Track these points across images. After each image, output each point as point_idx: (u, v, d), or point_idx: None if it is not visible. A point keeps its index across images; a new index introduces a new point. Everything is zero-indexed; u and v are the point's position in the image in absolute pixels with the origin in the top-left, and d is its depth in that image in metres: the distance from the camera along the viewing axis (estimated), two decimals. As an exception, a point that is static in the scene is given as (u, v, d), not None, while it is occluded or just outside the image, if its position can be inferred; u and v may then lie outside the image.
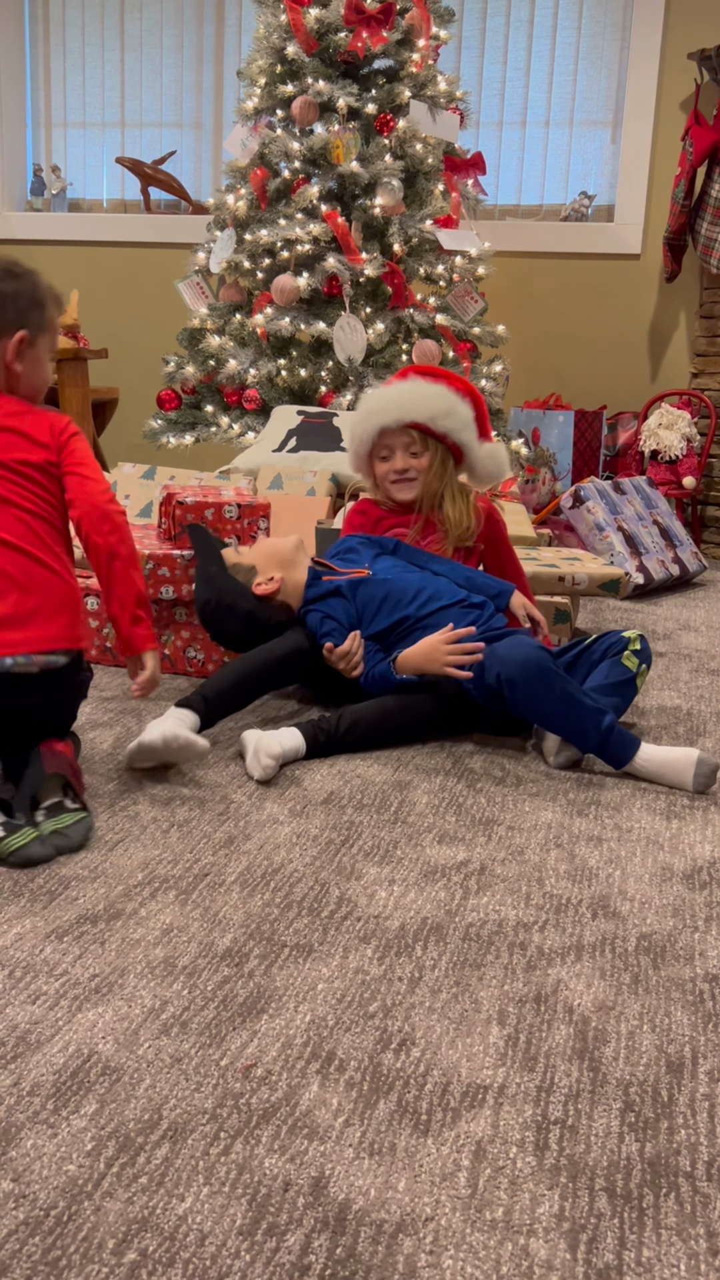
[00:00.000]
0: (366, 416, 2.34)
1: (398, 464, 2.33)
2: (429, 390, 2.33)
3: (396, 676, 2.00)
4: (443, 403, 2.32)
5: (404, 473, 2.33)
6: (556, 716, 1.88)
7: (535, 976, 1.26)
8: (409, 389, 2.34)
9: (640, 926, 1.39)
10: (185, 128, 5.34)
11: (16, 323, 1.70)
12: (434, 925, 1.37)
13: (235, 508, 2.39)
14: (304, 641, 2.10)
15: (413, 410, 2.30)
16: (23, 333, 1.70)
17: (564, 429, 4.49)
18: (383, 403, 2.33)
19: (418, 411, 2.30)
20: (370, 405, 2.36)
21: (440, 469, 2.33)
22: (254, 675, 2.02)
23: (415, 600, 2.12)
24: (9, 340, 1.70)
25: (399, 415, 2.30)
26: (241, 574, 2.21)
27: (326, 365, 3.99)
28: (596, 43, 4.86)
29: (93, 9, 5.29)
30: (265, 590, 2.17)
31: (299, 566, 2.21)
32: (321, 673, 2.12)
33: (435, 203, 4.11)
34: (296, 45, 3.98)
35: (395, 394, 2.34)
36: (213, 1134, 0.99)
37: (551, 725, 1.91)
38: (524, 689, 1.88)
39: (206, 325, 4.21)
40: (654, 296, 4.86)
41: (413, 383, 2.35)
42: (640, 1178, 0.95)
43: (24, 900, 1.39)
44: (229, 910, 1.38)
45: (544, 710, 1.89)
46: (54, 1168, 0.94)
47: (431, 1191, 0.93)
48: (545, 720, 1.91)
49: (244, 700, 2.03)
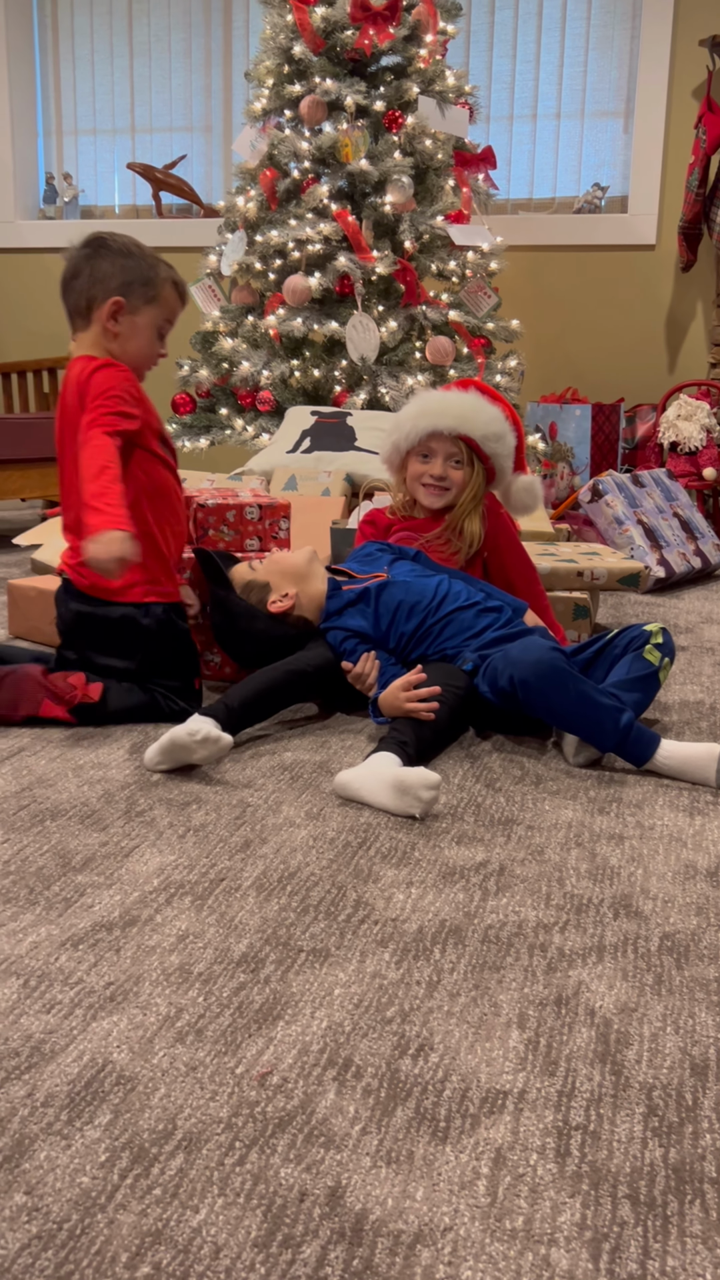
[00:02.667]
0: (422, 414, 2.31)
1: (436, 469, 2.31)
2: (489, 410, 2.31)
3: (378, 718, 1.97)
4: (498, 426, 2.30)
5: (441, 480, 2.31)
6: (573, 717, 1.86)
7: (556, 978, 1.24)
8: (470, 402, 2.31)
9: (663, 926, 1.36)
10: (195, 131, 5.34)
11: (119, 291, 2.00)
12: (452, 927, 1.35)
13: (256, 509, 2.38)
14: (329, 655, 2.10)
15: (469, 423, 2.28)
16: (119, 298, 2.00)
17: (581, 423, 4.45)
18: (442, 406, 2.31)
19: (474, 426, 2.28)
20: (428, 405, 2.33)
21: (475, 489, 2.32)
22: (279, 687, 2.02)
23: (434, 600, 2.10)
24: (106, 305, 2.01)
25: (456, 424, 2.28)
26: (255, 591, 2.19)
27: (340, 365, 3.97)
28: (606, 32, 4.82)
29: (101, 16, 5.30)
30: (280, 608, 2.16)
31: (315, 578, 2.19)
32: (344, 687, 2.11)
33: (446, 198, 4.09)
34: (303, 44, 3.97)
35: (456, 402, 2.31)
36: (228, 1143, 0.97)
37: (568, 726, 1.89)
38: (538, 690, 1.86)
39: (219, 328, 4.21)
40: (670, 286, 4.82)
41: (474, 397, 2.32)
42: (664, 1184, 0.93)
43: (39, 908, 1.38)
44: (245, 915, 1.37)
45: (559, 711, 1.86)
46: (67, 1180, 0.93)
47: (450, 1200, 0.91)
48: (561, 721, 1.89)
49: (268, 711, 2.02)
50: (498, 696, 1.95)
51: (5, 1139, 0.97)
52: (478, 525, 2.32)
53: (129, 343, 2.04)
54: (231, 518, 2.37)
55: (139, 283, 2.02)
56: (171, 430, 4.25)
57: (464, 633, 2.08)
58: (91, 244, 2.05)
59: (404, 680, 1.92)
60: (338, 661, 2.09)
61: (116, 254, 2.02)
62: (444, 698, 1.92)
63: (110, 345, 2.04)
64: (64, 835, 1.59)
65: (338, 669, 2.08)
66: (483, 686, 1.98)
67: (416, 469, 2.34)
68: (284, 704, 2.05)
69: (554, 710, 1.87)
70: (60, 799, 1.73)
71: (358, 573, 2.23)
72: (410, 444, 2.33)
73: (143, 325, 2.04)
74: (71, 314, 2.07)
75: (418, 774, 1.65)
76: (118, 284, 2.01)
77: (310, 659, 2.08)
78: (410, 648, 2.09)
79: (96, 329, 2.04)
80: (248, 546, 2.37)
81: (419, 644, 2.09)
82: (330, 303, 4.01)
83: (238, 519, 2.37)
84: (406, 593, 2.12)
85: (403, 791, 1.66)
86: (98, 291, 2.02)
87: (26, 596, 2.57)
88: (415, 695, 1.90)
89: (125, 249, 2.03)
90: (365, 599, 2.13)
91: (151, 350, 2.08)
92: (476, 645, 2.06)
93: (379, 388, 3.90)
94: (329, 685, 2.11)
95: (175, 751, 1.81)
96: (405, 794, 1.66)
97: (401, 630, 2.09)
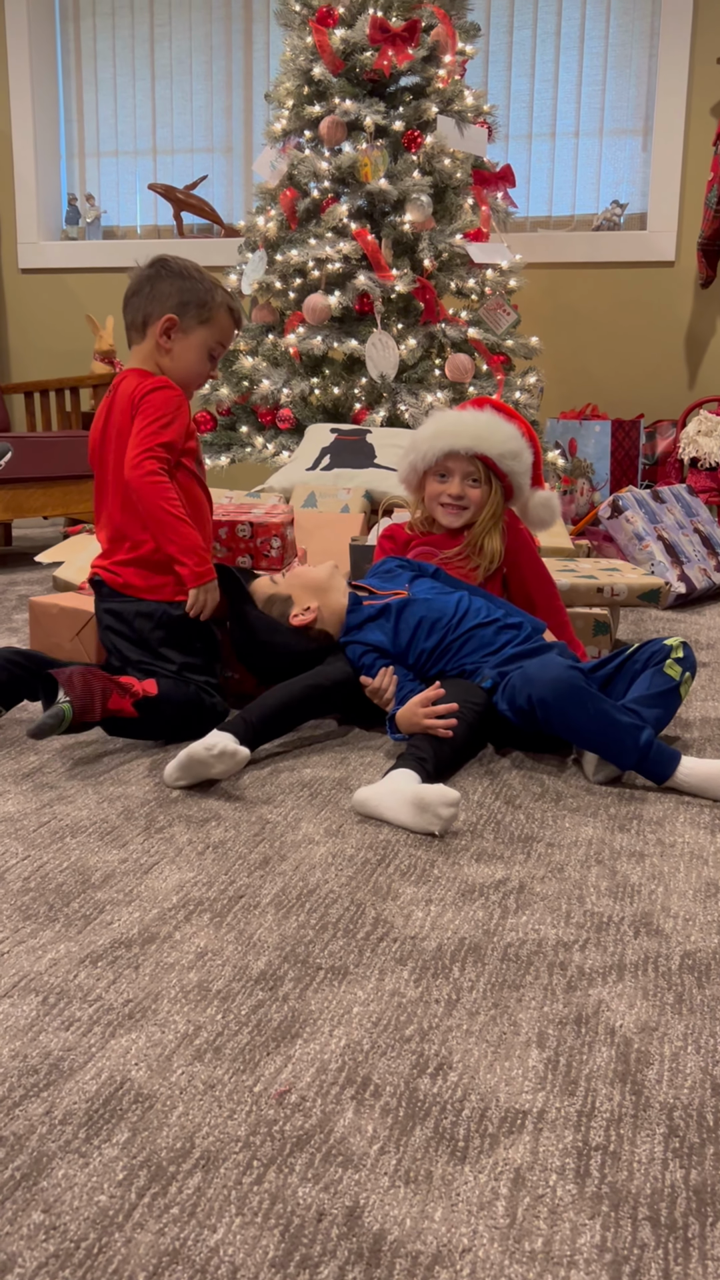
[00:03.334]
0: (438, 434, 2.32)
1: (454, 489, 2.32)
2: (505, 428, 2.31)
3: (395, 734, 1.97)
4: (515, 443, 2.31)
5: (459, 499, 2.32)
6: (592, 735, 1.85)
7: (576, 997, 1.23)
8: (485, 421, 2.32)
9: (684, 944, 1.35)
10: (216, 152, 5.38)
11: (175, 309, 2.10)
12: (472, 945, 1.34)
13: (248, 526, 2.40)
14: (348, 670, 2.10)
15: (486, 442, 2.29)
16: (173, 316, 2.10)
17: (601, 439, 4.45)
18: (458, 426, 2.32)
19: (490, 445, 2.29)
20: (443, 425, 2.34)
21: (494, 506, 2.32)
22: (298, 702, 2.02)
23: (454, 617, 2.11)
24: (160, 320, 2.11)
25: (472, 443, 2.29)
26: (277, 605, 2.20)
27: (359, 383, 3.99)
28: (624, 51, 4.84)
29: (123, 40, 5.36)
30: (302, 621, 2.16)
31: (336, 591, 2.20)
32: (362, 703, 2.11)
33: (465, 217, 4.10)
34: (323, 66, 4.00)
35: (472, 421, 2.32)
36: (245, 1162, 0.97)
37: (587, 744, 1.88)
38: (556, 709, 1.85)
39: (240, 346, 4.23)
40: (689, 303, 4.82)
41: (489, 415, 2.33)
42: (685, 1206, 0.92)
43: (59, 924, 1.38)
44: (264, 933, 1.37)
45: (578, 729, 1.86)
46: (85, 1198, 0.92)
47: (469, 1221, 0.90)
48: (581, 739, 1.88)
49: (287, 726, 2.02)
50: (516, 715, 1.95)
51: (24, 1156, 0.97)
52: (497, 542, 2.32)
53: (179, 360, 2.14)
54: (224, 534, 2.39)
55: (194, 304, 2.12)
56: (192, 448, 4.27)
57: (483, 649, 2.07)
58: (155, 264, 2.16)
59: (422, 697, 1.92)
60: (356, 676, 2.09)
61: (176, 275, 2.13)
62: (462, 715, 1.92)
63: (162, 360, 2.14)
64: (84, 852, 1.60)
65: (356, 684, 2.09)
66: (501, 704, 1.98)
67: (434, 488, 2.35)
68: (302, 719, 2.05)
69: (573, 728, 1.86)
70: (80, 815, 1.73)
71: (378, 589, 2.23)
72: (427, 464, 2.34)
73: (194, 344, 2.13)
74: (129, 327, 2.18)
75: (437, 791, 1.65)
76: (174, 303, 2.11)
77: (329, 673, 2.08)
78: (430, 664, 2.09)
79: (150, 343, 2.14)
80: (239, 564, 2.39)
81: (438, 660, 2.09)
82: (350, 321, 4.03)
83: (230, 536, 2.39)
84: (427, 609, 2.12)
85: (422, 808, 1.66)
86: (154, 308, 2.12)
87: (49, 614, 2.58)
88: (433, 712, 1.90)
89: (184, 271, 2.14)
90: (386, 614, 2.13)
91: (201, 369, 2.17)
92: (496, 662, 2.05)
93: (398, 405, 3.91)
94: (347, 700, 2.11)
95: (193, 767, 1.81)
96: (424, 811, 1.65)
97: (421, 647, 2.09)
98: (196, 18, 5.25)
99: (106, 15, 5.35)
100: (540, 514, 2.42)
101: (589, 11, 4.85)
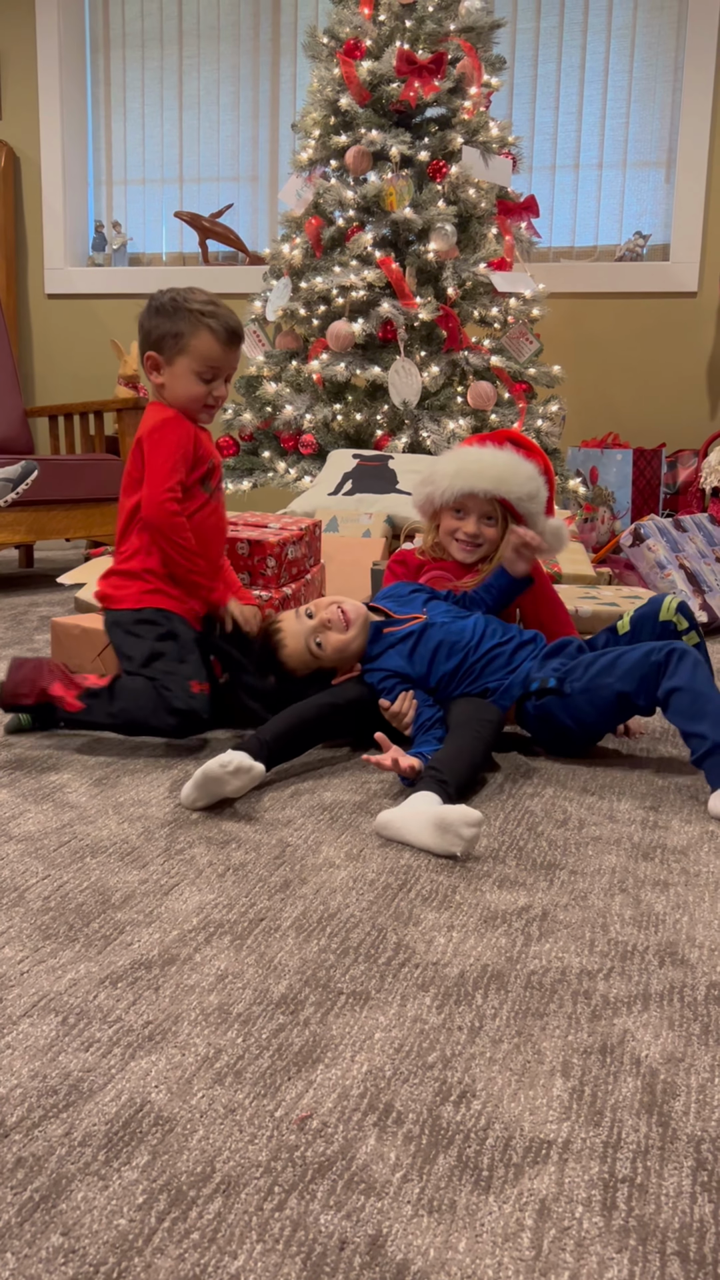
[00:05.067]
0: (459, 474, 2.31)
1: (470, 528, 2.33)
2: (525, 469, 2.31)
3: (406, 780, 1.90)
4: (533, 484, 2.31)
5: (474, 538, 2.33)
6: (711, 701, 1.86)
7: (600, 1026, 1.22)
8: (506, 462, 2.31)
9: (710, 975, 1.34)
10: (242, 181, 5.44)
11: (153, 346, 2.21)
12: (495, 973, 1.33)
13: (246, 545, 2.44)
14: (363, 690, 2.09)
15: (506, 485, 2.29)
16: (152, 354, 2.21)
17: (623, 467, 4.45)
18: (480, 467, 2.31)
19: (510, 488, 2.29)
20: (466, 465, 2.33)
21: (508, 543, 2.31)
22: (313, 723, 2.01)
23: (473, 639, 2.11)
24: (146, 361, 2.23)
25: (493, 487, 2.29)
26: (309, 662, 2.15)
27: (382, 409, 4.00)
28: (648, 85, 4.88)
29: (152, 70, 5.43)
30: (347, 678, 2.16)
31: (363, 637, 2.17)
32: (379, 725, 2.10)
33: (489, 246, 4.13)
34: (349, 97, 4.04)
35: (492, 463, 2.31)
36: (266, 1188, 0.96)
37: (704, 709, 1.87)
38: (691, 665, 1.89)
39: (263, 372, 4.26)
40: (712, 333, 4.83)
41: (510, 456, 2.33)
42: (715, 1241, 0.90)
43: (79, 945, 1.37)
44: (284, 956, 1.36)
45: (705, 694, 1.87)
46: (104, 1221, 0.91)
47: (494, 1253, 0.89)
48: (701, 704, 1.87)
49: (302, 747, 2.02)
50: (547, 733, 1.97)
51: (43, 1178, 0.96)
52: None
53: (172, 390, 2.23)
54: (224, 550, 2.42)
55: (168, 336, 2.19)
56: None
57: (504, 669, 2.09)
58: (147, 304, 2.25)
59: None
60: (372, 697, 2.08)
61: (153, 313, 2.22)
62: (479, 732, 1.92)
63: (163, 394, 2.25)
64: (104, 872, 1.59)
65: (373, 706, 2.08)
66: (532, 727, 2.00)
67: (450, 523, 2.36)
68: (318, 739, 2.05)
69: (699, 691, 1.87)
70: (100, 835, 1.73)
71: (395, 612, 2.23)
72: (445, 500, 2.34)
73: (179, 373, 2.21)
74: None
75: (459, 812, 1.64)
76: (152, 341, 2.21)
77: (345, 693, 2.08)
78: (452, 686, 2.09)
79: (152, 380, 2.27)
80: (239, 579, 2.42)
81: (460, 683, 2.08)
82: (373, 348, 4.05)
83: (229, 553, 2.41)
84: (445, 633, 2.12)
85: (444, 829, 1.65)
86: (143, 349, 2.24)
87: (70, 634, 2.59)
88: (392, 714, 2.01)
89: (160, 307, 2.21)
90: (406, 639, 2.13)
91: (195, 393, 2.22)
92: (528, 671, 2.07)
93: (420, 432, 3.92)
94: (363, 721, 2.10)
95: (209, 785, 1.80)
96: (447, 832, 1.64)
97: (442, 670, 2.09)
98: (225, 49, 5.32)
99: (136, 46, 5.42)
100: (551, 542, 2.41)
101: (614, 46, 4.89)
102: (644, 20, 4.82)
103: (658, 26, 4.80)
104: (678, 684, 1.88)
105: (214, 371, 2.22)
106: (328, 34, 4.14)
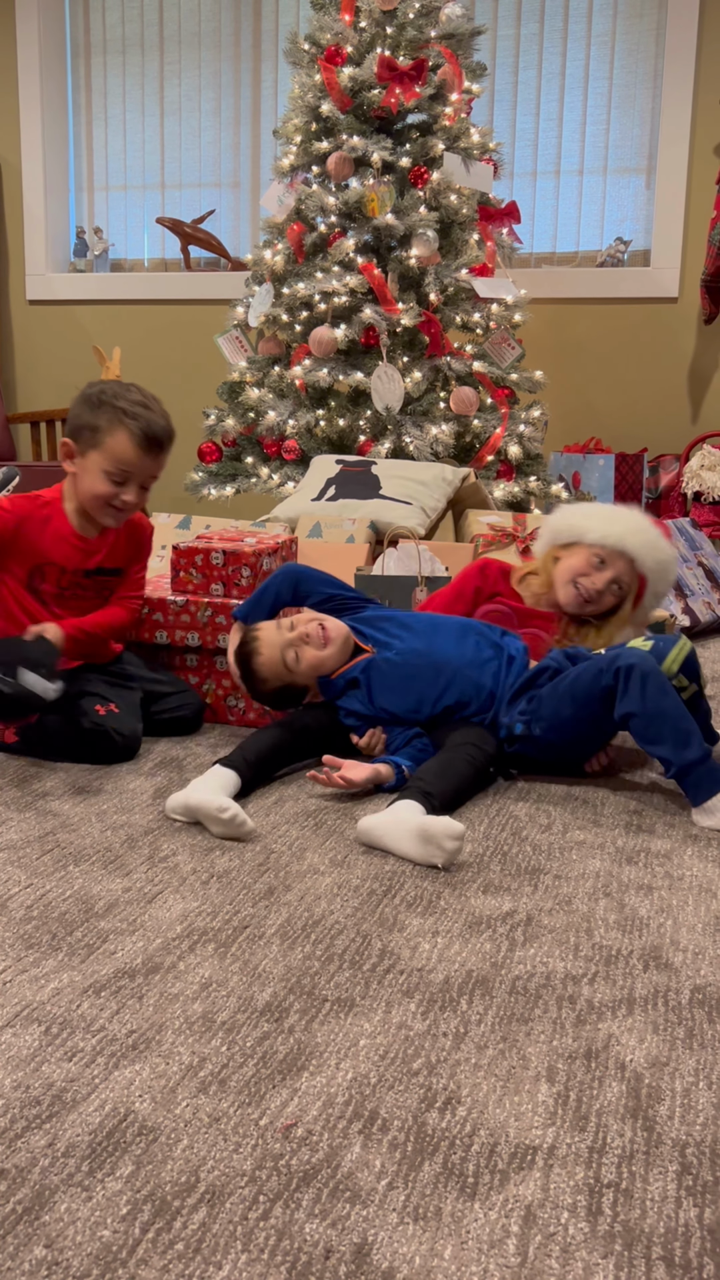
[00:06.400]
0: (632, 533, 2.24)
1: (598, 583, 2.22)
2: (673, 572, 2.29)
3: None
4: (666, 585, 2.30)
5: (599, 593, 2.22)
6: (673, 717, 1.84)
7: (585, 1031, 1.22)
8: (671, 557, 2.28)
9: (694, 978, 1.34)
10: (224, 187, 5.44)
11: (71, 434, 2.17)
12: (479, 978, 1.33)
13: (221, 555, 2.41)
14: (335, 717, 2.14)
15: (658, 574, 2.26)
16: (66, 440, 2.18)
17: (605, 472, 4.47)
18: (655, 544, 2.26)
19: (661, 578, 2.27)
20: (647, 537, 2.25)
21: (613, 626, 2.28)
22: (294, 743, 2.05)
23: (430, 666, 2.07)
24: (61, 446, 2.21)
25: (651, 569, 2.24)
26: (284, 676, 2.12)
27: (365, 415, 4.00)
28: (629, 91, 4.90)
29: (133, 76, 5.42)
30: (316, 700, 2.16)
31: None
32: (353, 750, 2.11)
33: (470, 252, 4.13)
34: (331, 103, 4.05)
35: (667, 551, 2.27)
36: (251, 1197, 0.95)
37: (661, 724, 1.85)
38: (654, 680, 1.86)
39: (246, 378, 4.25)
40: (693, 339, 4.85)
41: (675, 553, 2.31)
42: (700, 1245, 0.90)
43: (62, 954, 1.37)
44: (269, 964, 1.35)
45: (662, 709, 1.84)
46: (88, 1233, 0.91)
47: (479, 1260, 0.89)
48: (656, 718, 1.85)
49: (283, 764, 2.04)
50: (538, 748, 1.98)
51: (25, 1190, 0.96)
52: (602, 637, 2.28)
53: (79, 483, 2.18)
54: (199, 561, 2.40)
55: (87, 428, 2.14)
56: (197, 479, 4.28)
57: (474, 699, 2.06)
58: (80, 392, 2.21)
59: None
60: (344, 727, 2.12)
61: (80, 401, 2.18)
62: (472, 755, 1.92)
63: (73, 484, 2.20)
64: (87, 880, 1.58)
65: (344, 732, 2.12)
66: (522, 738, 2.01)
67: (578, 565, 2.23)
68: (300, 758, 2.08)
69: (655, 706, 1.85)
70: (83, 843, 1.72)
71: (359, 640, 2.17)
72: (600, 544, 2.23)
73: (89, 468, 2.15)
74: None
75: (442, 823, 1.64)
76: (71, 428, 2.17)
77: (321, 719, 2.10)
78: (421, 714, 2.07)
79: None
80: (213, 591, 2.39)
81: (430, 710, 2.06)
82: (355, 354, 4.06)
83: (204, 563, 2.39)
84: (395, 670, 2.08)
85: (426, 840, 1.64)
86: (66, 434, 2.20)
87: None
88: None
89: (89, 397, 2.17)
90: (359, 686, 2.10)
91: (100, 492, 2.14)
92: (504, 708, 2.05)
93: (403, 437, 3.93)
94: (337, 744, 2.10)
95: (197, 816, 1.79)
96: (429, 843, 1.64)
97: (396, 710, 2.07)
98: (206, 55, 5.32)
99: (117, 53, 5.42)
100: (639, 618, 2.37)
101: (594, 53, 4.91)
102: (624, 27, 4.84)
103: (638, 33, 4.82)
104: (631, 709, 1.86)
105: (124, 475, 2.12)
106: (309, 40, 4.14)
